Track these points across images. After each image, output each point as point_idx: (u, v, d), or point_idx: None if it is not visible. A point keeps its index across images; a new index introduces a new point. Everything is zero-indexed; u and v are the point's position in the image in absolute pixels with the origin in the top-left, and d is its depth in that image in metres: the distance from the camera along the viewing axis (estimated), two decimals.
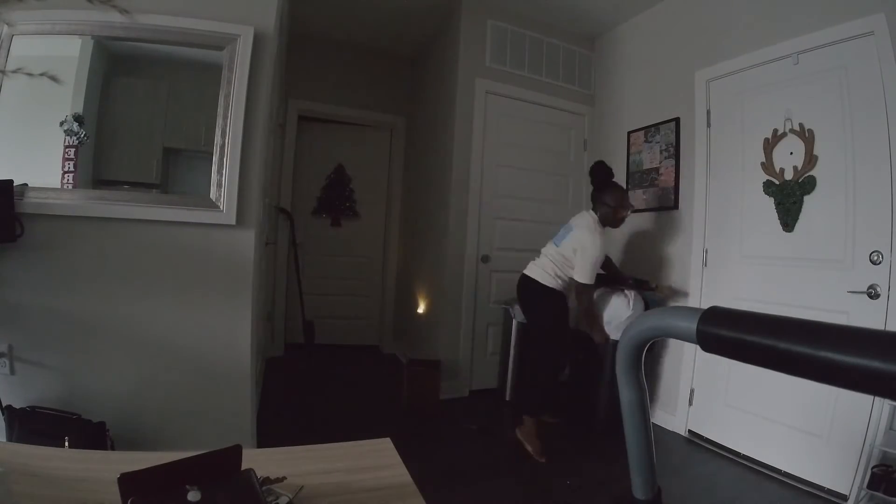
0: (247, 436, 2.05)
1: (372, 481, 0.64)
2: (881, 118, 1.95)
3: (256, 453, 0.75)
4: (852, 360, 0.25)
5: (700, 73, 2.77)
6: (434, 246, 3.47)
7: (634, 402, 0.45)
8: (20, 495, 0.50)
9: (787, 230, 2.29)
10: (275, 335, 3.92)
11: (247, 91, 1.97)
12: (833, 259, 2.11)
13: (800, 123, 2.25)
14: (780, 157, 2.34)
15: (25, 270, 1.78)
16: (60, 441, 1.59)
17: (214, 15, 1.95)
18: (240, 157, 1.96)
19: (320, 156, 4.26)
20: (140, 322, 1.90)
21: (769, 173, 2.38)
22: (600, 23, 3.47)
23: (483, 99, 3.28)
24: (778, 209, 2.33)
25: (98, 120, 1.92)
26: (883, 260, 1.94)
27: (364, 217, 4.39)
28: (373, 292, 4.44)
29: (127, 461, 0.61)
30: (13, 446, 1.19)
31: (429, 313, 3.53)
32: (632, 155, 3.24)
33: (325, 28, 3.81)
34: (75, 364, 1.84)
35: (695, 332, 0.33)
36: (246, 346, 2.02)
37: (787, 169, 2.30)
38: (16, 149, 1.85)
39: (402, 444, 0.92)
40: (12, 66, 1.79)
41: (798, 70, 2.29)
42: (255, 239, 2.02)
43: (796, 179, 2.25)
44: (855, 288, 2.01)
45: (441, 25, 3.58)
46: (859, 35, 2.02)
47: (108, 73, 1.96)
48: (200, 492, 0.51)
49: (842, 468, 1.98)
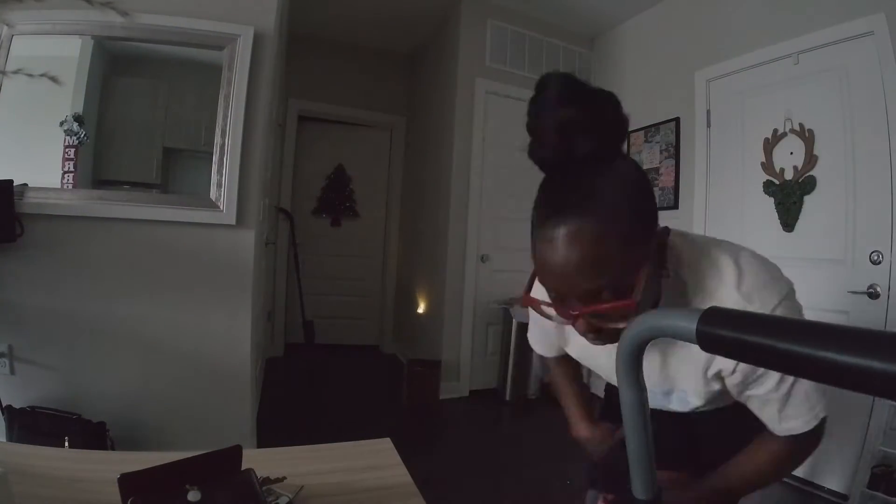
0: (247, 436, 2.05)
1: (372, 481, 0.64)
2: (881, 118, 1.95)
3: (256, 453, 0.75)
4: (851, 361, 0.25)
5: (700, 73, 2.77)
6: (434, 246, 3.47)
7: (634, 402, 0.45)
8: (20, 495, 0.50)
9: (788, 230, 2.29)
10: (275, 335, 3.92)
11: (247, 91, 1.97)
12: (833, 259, 2.10)
13: (800, 123, 2.25)
14: (780, 157, 2.33)
15: (25, 270, 1.78)
16: (60, 441, 1.59)
17: (214, 15, 1.95)
18: (240, 157, 1.96)
19: (320, 156, 4.26)
20: (140, 322, 1.90)
21: (769, 173, 2.38)
22: (600, 23, 3.47)
23: (483, 99, 3.28)
24: (778, 209, 2.33)
25: (98, 120, 1.92)
26: (883, 260, 1.94)
27: (364, 217, 4.39)
28: (373, 292, 4.44)
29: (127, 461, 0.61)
30: (13, 446, 1.19)
31: (429, 313, 3.53)
32: (632, 155, 3.24)
33: (325, 28, 3.81)
34: (75, 364, 1.84)
35: (694, 331, 0.33)
36: (246, 346, 2.02)
37: (787, 169, 2.30)
38: (16, 149, 1.85)
39: (402, 444, 0.92)
40: (12, 67, 1.79)
41: (798, 70, 2.29)
42: (255, 239, 2.02)
43: (796, 179, 2.25)
44: (855, 288, 2.01)
45: (441, 25, 3.58)
46: (859, 35, 2.02)
47: (107, 73, 1.96)
48: (200, 492, 0.51)
49: (842, 468, 1.98)
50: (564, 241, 0.54)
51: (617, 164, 0.59)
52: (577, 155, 0.57)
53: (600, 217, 0.54)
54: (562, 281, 0.57)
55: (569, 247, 0.54)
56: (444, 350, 3.20)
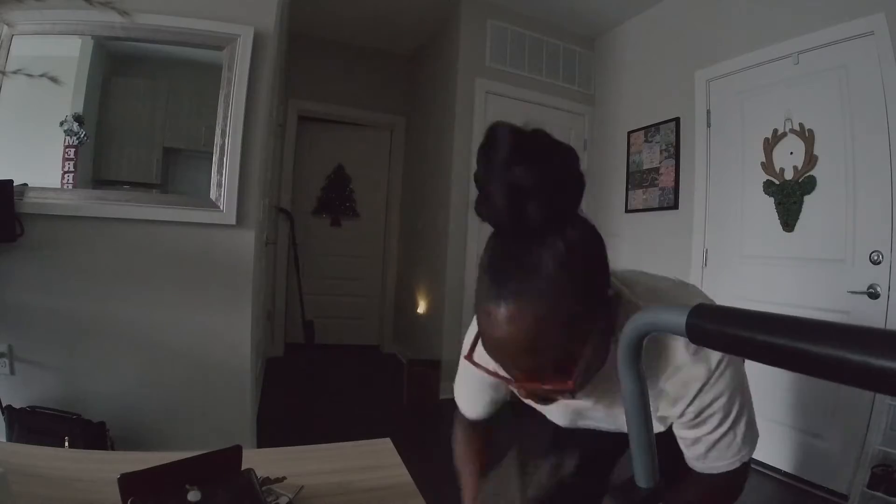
0: (247, 436, 2.04)
1: (372, 481, 0.64)
2: (881, 118, 1.95)
3: (256, 453, 0.75)
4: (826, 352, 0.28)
5: (700, 73, 2.77)
6: (434, 246, 3.47)
7: (635, 393, 0.48)
8: (20, 495, 0.50)
9: (788, 230, 2.28)
10: (275, 335, 3.92)
11: (247, 91, 1.97)
12: (833, 259, 2.10)
13: (800, 123, 2.25)
14: (780, 157, 2.33)
15: (25, 270, 1.78)
16: (60, 441, 1.59)
17: (214, 15, 1.95)
18: (240, 157, 1.96)
19: (320, 156, 4.26)
20: (140, 322, 1.89)
21: (769, 173, 2.38)
22: (600, 23, 3.47)
23: (483, 99, 3.28)
24: (778, 209, 2.33)
25: (98, 120, 1.92)
26: (883, 260, 1.94)
27: (364, 217, 4.39)
28: (373, 292, 4.44)
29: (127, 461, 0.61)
30: (13, 446, 1.19)
31: (429, 313, 3.53)
32: (632, 155, 3.24)
33: (325, 28, 3.81)
34: (75, 364, 1.84)
35: (684, 325, 0.37)
36: (246, 346, 2.02)
37: (787, 169, 2.30)
38: (16, 149, 1.85)
39: (402, 444, 0.92)
40: (12, 67, 1.79)
41: (798, 70, 2.29)
42: (255, 239, 2.02)
43: (796, 179, 2.25)
44: (855, 288, 2.00)
45: (441, 25, 3.58)
46: (859, 35, 2.02)
47: (108, 73, 1.96)
48: (200, 492, 0.51)
49: (842, 468, 1.98)
50: (504, 319, 0.52)
51: (569, 231, 0.54)
52: (526, 222, 0.53)
53: (542, 300, 0.51)
54: (501, 355, 0.55)
55: (508, 326, 0.52)
56: (444, 350, 3.20)
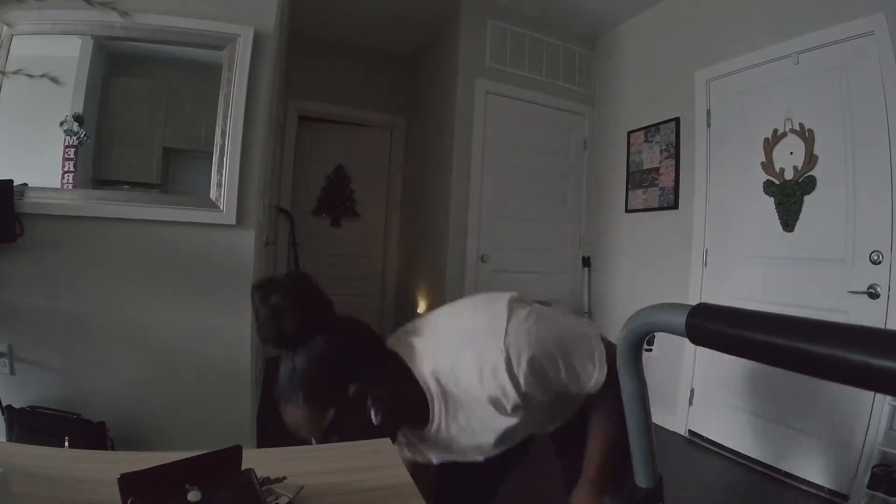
0: (247, 436, 2.05)
1: (372, 481, 0.64)
2: (881, 118, 1.95)
3: (256, 453, 0.75)
4: (825, 351, 0.28)
5: (700, 73, 2.77)
6: (434, 246, 3.47)
7: (635, 393, 0.48)
8: (20, 495, 0.50)
9: (788, 230, 2.28)
10: None
11: (247, 91, 1.97)
12: (833, 259, 2.10)
13: (800, 123, 2.25)
14: (780, 157, 2.33)
15: (25, 270, 1.78)
16: (60, 441, 1.59)
17: (214, 15, 1.95)
18: (240, 157, 1.96)
19: (320, 156, 4.25)
20: (140, 322, 1.90)
21: (769, 173, 2.38)
22: (600, 23, 3.47)
23: (483, 99, 3.27)
24: (778, 209, 2.33)
25: (98, 120, 1.92)
26: (883, 260, 1.94)
27: (364, 217, 4.39)
28: (373, 292, 4.44)
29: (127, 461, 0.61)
30: (13, 446, 1.19)
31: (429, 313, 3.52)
32: (632, 155, 3.24)
33: (325, 28, 3.81)
34: (75, 364, 1.84)
35: (684, 325, 0.37)
36: (246, 346, 2.02)
37: (787, 169, 2.30)
38: (16, 149, 1.85)
39: None
40: (12, 67, 1.79)
41: (798, 70, 2.29)
42: (255, 239, 2.02)
43: (796, 179, 2.25)
44: (855, 288, 2.00)
45: (441, 25, 3.58)
46: (859, 35, 2.02)
47: (108, 73, 1.96)
48: (200, 492, 0.51)
49: (842, 468, 1.98)
50: (283, 411, 0.79)
51: (315, 342, 0.77)
52: (283, 341, 0.77)
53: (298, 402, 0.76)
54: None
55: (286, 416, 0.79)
56: None
